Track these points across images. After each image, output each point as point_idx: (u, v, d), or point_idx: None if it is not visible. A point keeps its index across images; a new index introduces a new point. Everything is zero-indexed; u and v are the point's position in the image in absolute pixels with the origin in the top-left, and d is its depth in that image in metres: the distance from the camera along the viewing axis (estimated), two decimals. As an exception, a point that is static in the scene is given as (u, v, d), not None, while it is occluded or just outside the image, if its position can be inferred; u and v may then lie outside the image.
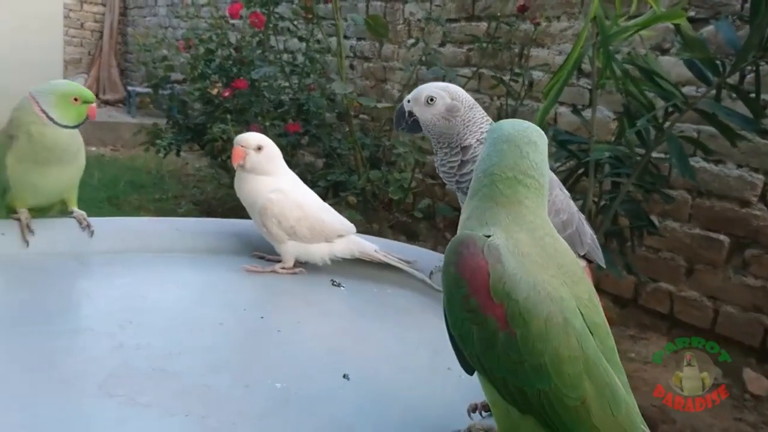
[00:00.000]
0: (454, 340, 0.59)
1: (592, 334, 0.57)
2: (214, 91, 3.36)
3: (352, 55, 4.78)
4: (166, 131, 4.34)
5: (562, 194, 1.02)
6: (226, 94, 3.64)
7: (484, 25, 3.57)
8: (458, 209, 0.77)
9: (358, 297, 1.04)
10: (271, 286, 1.02)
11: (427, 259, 1.13)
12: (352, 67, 4.73)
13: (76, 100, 1.03)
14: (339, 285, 1.05)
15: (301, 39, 3.48)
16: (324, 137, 3.48)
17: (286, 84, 3.85)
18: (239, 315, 0.91)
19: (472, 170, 0.86)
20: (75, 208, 1.04)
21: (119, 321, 0.82)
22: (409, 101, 0.99)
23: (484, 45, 3.28)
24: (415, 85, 3.33)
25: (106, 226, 1.06)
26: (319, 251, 1.08)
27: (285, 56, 4.06)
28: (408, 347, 0.88)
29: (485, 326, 0.55)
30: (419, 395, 0.74)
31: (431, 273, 1.09)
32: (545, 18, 3.16)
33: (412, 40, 4.15)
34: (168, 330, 0.84)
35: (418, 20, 4.20)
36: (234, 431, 0.63)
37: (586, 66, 2.27)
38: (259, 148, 1.04)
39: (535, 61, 3.21)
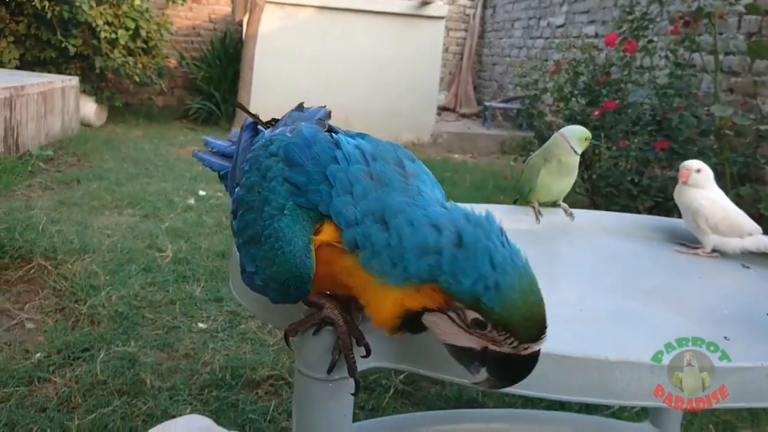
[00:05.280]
0: None
1: None
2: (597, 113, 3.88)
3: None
4: (532, 144, 5.06)
5: None
6: (596, 113, 4.15)
7: None
8: None
9: (762, 274, 1.45)
10: (698, 262, 1.51)
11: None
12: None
13: (586, 140, 1.65)
14: (748, 267, 1.48)
15: (677, 65, 3.77)
16: (690, 154, 3.72)
17: (648, 102, 4.18)
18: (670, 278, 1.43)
19: None
20: (562, 202, 1.68)
21: (586, 266, 1.42)
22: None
23: None
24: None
25: (581, 214, 1.68)
26: (732, 244, 1.51)
27: (647, 75, 4.38)
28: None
29: None
30: None
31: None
32: None
33: (791, 54, 4.05)
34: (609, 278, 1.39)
35: (802, 33, 4.06)
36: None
37: None
38: (699, 171, 1.52)
39: None
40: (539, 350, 0.73)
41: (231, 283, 1.10)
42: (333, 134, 0.89)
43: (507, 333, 0.70)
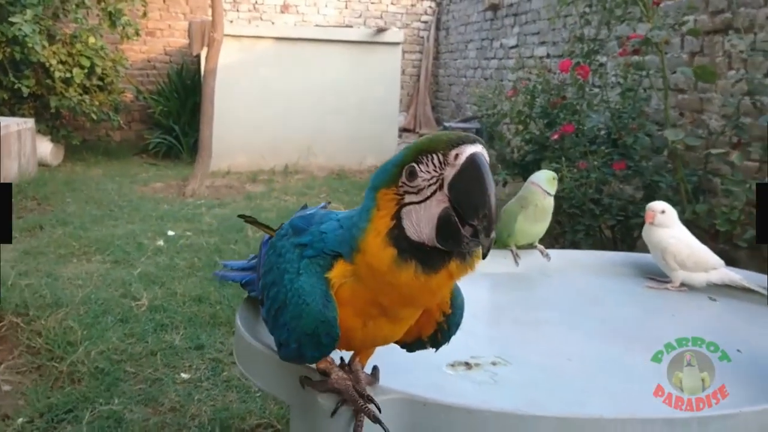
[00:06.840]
0: None
1: None
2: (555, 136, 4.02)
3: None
4: (496, 167, 5.20)
5: None
6: (555, 136, 4.30)
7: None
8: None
9: (728, 306, 1.55)
10: (668, 297, 1.60)
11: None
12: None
13: (554, 179, 1.74)
14: (714, 299, 1.58)
15: (629, 90, 3.95)
16: (646, 173, 3.89)
17: (602, 123, 4.36)
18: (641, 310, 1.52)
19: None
20: (538, 244, 1.77)
21: (567, 308, 1.49)
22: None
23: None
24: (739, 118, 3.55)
25: (557, 255, 1.76)
26: (698, 278, 1.61)
27: (599, 96, 4.57)
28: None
29: None
30: None
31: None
32: None
33: (732, 72, 4.29)
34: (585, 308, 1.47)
35: (740, 52, 4.30)
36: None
37: None
38: (663, 212, 1.63)
39: None
40: (478, 155, 0.79)
41: (238, 361, 1.14)
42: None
43: (430, 154, 0.81)
